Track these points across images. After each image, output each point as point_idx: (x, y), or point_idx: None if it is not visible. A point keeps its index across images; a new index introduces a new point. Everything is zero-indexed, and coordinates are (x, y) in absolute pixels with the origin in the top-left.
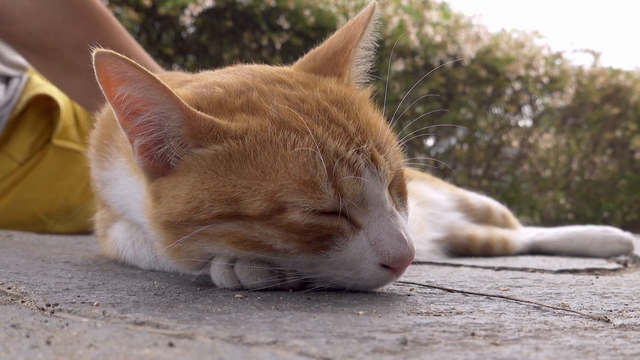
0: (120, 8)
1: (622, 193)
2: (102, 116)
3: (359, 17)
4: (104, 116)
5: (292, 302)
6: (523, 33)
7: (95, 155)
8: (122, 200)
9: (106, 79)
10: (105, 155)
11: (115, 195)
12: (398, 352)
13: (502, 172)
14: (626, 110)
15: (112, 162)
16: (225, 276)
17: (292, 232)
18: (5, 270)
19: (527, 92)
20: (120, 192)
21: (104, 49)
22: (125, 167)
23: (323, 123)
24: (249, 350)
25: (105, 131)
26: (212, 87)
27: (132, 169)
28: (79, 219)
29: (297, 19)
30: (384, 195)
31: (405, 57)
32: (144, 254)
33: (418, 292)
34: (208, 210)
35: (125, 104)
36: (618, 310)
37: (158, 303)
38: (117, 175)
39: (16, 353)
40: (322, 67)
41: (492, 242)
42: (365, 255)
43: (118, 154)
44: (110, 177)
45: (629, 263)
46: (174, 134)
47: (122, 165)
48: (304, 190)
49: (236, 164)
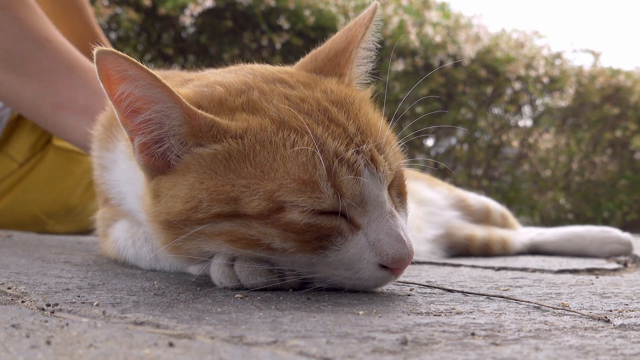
0: (120, 8)
1: (622, 193)
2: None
3: (361, 18)
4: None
5: (292, 302)
6: (523, 33)
7: (101, 133)
8: (120, 185)
9: (107, 77)
10: (111, 136)
11: (114, 181)
12: (398, 352)
13: (502, 172)
14: (626, 110)
15: (115, 144)
16: (224, 275)
17: (291, 232)
18: (5, 270)
19: (527, 92)
20: (119, 176)
21: (105, 48)
22: (125, 151)
23: (323, 123)
24: (249, 350)
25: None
26: (212, 86)
27: (131, 153)
28: (79, 220)
29: (297, 19)
30: (383, 195)
31: (405, 57)
32: (145, 253)
33: (418, 292)
34: (206, 210)
35: (126, 102)
36: (618, 310)
37: (158, 303)
38: (117, 158)
39: (16, 353)
40: (324, 67)
41: (492, 242)
42: (364, 255)
43: (121, 137)
44: (112, 159)
45: (629, 263)
46: (175, 133)
47: (122, 149)
48: (303, 189)
49: (235, 164)
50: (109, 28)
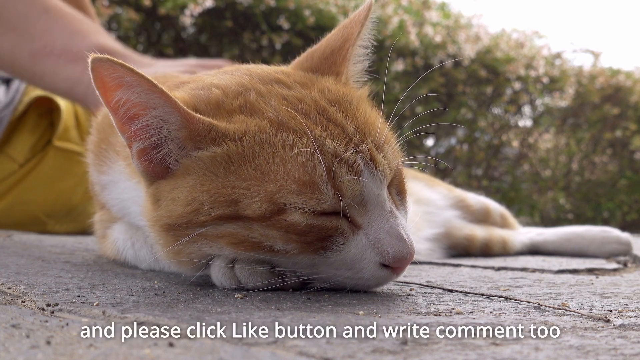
0: (121, 8)
1: (622, 193)
2: (97, 121)
3: (356, 15)
4: (99, 121)
5: (292, 302)
6: (523, 33)
7: (93, 159)
8: (122, 203)
9: (103, 85)
10: (104, 160)
11: (115, 199)
12: (398, 352)
13: (502, 172)
14: (626, 110)
15: (110, 166)
16: (225, 276)
17: (292, 233)
18: (5, 270)
19: (527, 92)
20: (119, 195)
21: (100, 55)
22: (123, 171)
23: (321, 123)
24: (249, 350)
25: (102, 135)
26: (209, 88)
27: (131, 172)
28: (80, 220)
29: (297, 19)
30: (383, 194)
31: (405, 57)
32: (144, 255)
33: (418, 292)
34: (208, 212)
35: (123, 109)
36: (618, 310)
37: (158, 303)
38: (115, 179)
39: (16, 353)
40: (320, 65)
41: (491, 242)
42: (365, 255)
43: (117, 158)
44: (109, 180)
45: (628, 263)
46: (173, 137)
47: (120, 169)
48: (303, 191)
49: (235, 166)
50: (109, 28)
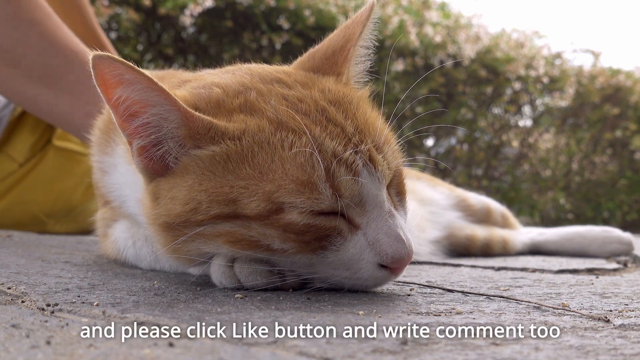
0: (121, 8)
1: (622, 193)
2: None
3: (358, 16)
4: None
5: (292, 302)
6: (523, 33)
7: (99, 138)
8: (120, 189)
9: (104, 82)
10: (109, 140)
11: (114, 184)
12: (398, 352)
13: (502, 172)
14: (626, 110)
15: (114, 147)
16: (224, 275)
17: (290, 232)
18: (5, 270)
19: (527, 92)
20: (118, 179)
21: (100, 52)
22: (124, 155)
23: (321, 123)
24: (249, 350)
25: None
26: (210, 87)
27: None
28: (80, 220)
29: (297, 19)
30: (382, 195)
31: (405, 57)
32: (145, 254)
33: (418, 292)
34: (205, 211)
35: (123, 106)
36: (618, 310)
37: (158, 303)
38: (116, 161)
39: (16, 353)
40: (321, 66)
41: (492, 242)
42: (363, 255)
43: (119, 141)
44: (111, 163)
45: (629, 263)
46: (173, 135)
47: (121, 152)
48: (302, 190)
49: (234, 165)
50: (109, 28)
